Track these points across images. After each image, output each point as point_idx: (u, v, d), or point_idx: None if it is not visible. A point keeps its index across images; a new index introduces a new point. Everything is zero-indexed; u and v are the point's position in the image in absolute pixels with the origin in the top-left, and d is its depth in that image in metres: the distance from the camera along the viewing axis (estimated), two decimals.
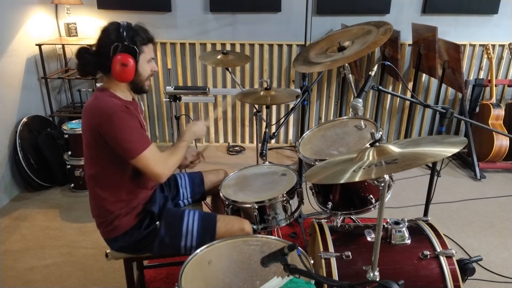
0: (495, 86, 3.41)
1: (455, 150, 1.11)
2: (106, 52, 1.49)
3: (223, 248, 1.48)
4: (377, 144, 1.24)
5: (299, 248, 1.13)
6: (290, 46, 3.68)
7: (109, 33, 1.51)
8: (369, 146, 1.26)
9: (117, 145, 1.48)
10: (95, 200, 1.63)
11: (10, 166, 3.04)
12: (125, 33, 1.50)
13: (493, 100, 3.39)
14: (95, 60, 1.53)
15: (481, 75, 3.71)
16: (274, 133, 2.00)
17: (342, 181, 1.13)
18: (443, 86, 3.41)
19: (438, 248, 1.58)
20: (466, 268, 1.78)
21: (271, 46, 3.69)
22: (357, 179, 1.11)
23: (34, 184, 3.08)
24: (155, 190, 1.76)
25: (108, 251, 1.69)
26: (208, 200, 2.17)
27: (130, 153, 1.49)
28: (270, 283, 1.23)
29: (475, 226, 2.70)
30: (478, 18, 3.55)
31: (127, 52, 1.50)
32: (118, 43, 1.49)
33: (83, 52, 1.54)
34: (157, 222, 1.64)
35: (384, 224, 1.64)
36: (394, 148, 1.20)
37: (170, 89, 2.81)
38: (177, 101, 2.88)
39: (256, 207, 1.73)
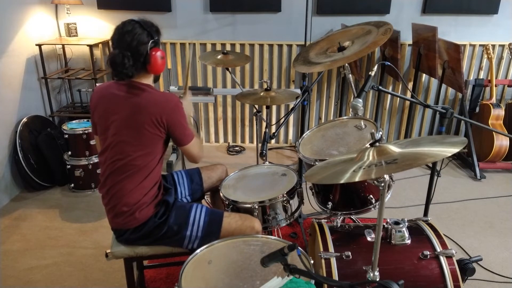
0: (495, 86, 3.41)
1: (455, 150, 1.11)
2: (141, 52, 1.56)
3: (223, 248, 1.48)
4: (377, 144, 1.24)
5: (299, 248, 1.13)
6: (290, 46, 3.68)
7: (138, 32, 1.56)
8: (369, 146, 1.26)
9: (178, 131, 1.63)
10: (118, 191, 1.62)
11: (10, 166, 3.04)
12: (148, 29, 1.58)
13: (493, 100, 3.39)
14: (132, 62, 1.57)
15: (481, 75, 3.71)
16: (274, 133, 2.00)
17: (342, 181, 1.13)
18: (443, 86, 3.41)
19: (438, 248, 1.58)
20: (466, 268, 1.79)
21: (271, 46, 3.69)
22: (357, 179, 1.11)
23: (34, 184, 3.08)
24: (166, 181, 1.86)
25: (108, 251, 1.69)
26: (209, 199, 2.17)
27: (187, 139, 1.66)
28: (270, 283, 1.23)
29: (475, 226, 2.70)
30: (478, 18, 3.55)
31: (159, 45, 1.62)
32: (151, 40, 1.58)
33: (122, 58, 1.54)
34: (169, 212, 1.67)
35: (384, 224, 1.64)
36: (394, 148, 1.20)
37: (174, 89, 2.82)
38: None
39: (257, 207, 1.73)
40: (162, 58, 1.62)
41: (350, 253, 1.58)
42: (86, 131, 2.99)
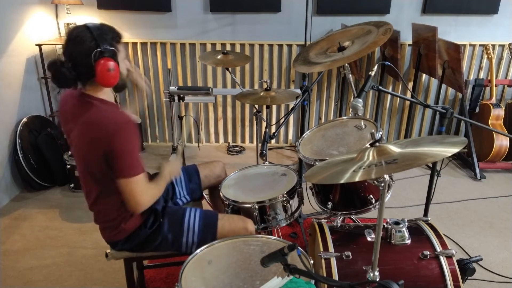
0: (495, 86, 3.41)
1: (455, 150, 1.11)
2: (86, 61, 1.39)
3: (223, 248, 1.48)
4: (377, 144, 1.24)
5: (299, 248, 1.13)
6: (290, 46, 3.68)
7: (83, 40, 1.40)
8: (369, 146, 1.26)
9: (118, 160, 1.40)
10: (101, 212, 1.60)
11: (10, 166, 3.03)
12: (99, 36, 1.41)
13: (493, 100, 3.39)
14: (74, 73, 1.42)
15: (481, 75, 3.71)
16: (274, 133, 2.00)
17: (342, 181, 1.13)
18: (443, 86, 3.41)
19: (438, 248, 1.58)
20: (466, 268, 1.79)
21: (271, 46, 3.69)
22: (357, 179, 1.11)
23: (34, 184, 3.08)
24: None
25: (108, 251, 1.69)
26: (208, 197, 2.16)
27: (126, 172, 1.42)
28: (270, 283, 1.23)
29: (475, 226, 2.70)
30: (478, 18, 3.55)
31: (108, 55, 1.42)
32: (97, 49, 1.39)
33: (58, 66, 1.40)
34: (161, 220, 1.65)
35: (384, 224, 1.64)
36: (394, 148, 1.20)
37: (173, 89, 2.82)
38: (180, 101, 2.89)
39: (257, 207, 1.73)
40: (110, 70, 1.41)
41: (350, 253, 1.58)
42: None
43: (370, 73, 1.65)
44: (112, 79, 1.44)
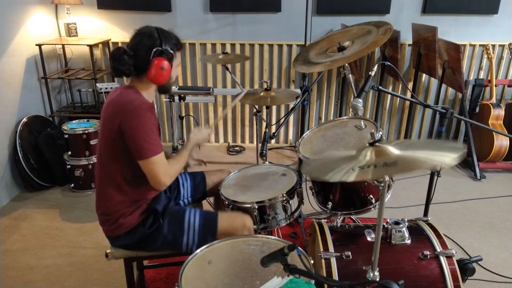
0: (495, 86, 3.41)
1: (454, 157, 1.10)
2: (144, 55, 1.53)
3: (223, 248, 1.48)
4: (377, 143, 1.24)
5: (299, 248, 1.13)
6: (290, 46, 3.68)
7: (147, 37, 1.55)
8: (368, 145, 1.25)
9: (133, 142, 1.49)
10: (103, 199, 1.64)
11: (10, 166, 3.04)
12: (162, 38, 1.56)
13: (493, 100, 3.39)
14: (132, 62, 1.55)
15: (481, 75, 3.71)
16: (274, 133, 2.00)
17: (341, 178, 1.12)
18: (443, 86, 3.41)
19: (438, 248, 1.58)
20: (466, 268, 1.79)
21: (271, 46, 3.69)
22: (357, 179, 1.10)
23: (34, 184, 3.08)
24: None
25: (108, 251, 1.69)
26: (211, 200, 2.16)
27: (143, 153, 1.50)
28: (270, 283, 1.22)
29: (475, 226, 2.70)
30: (478, 18, 3.55)
31: (165, 56, 1.56)
32: (158, 47, 1.54)
33: (121, 53, 1.55)
34: (161, 221, 1.65)
35: (384, 224, 1.64)
36: (393, 150, 1.20)
37: (174, 89, 2.83)
38: (181, 100, 2.90)
39: (256, 207, 1.73)
40: (163, 69, 1.55)
41: (350, 253, 1.58)
42: (86, 131, 2.99)
43: (370, 73, 1.64)
44: (162, 77, 1.57)
